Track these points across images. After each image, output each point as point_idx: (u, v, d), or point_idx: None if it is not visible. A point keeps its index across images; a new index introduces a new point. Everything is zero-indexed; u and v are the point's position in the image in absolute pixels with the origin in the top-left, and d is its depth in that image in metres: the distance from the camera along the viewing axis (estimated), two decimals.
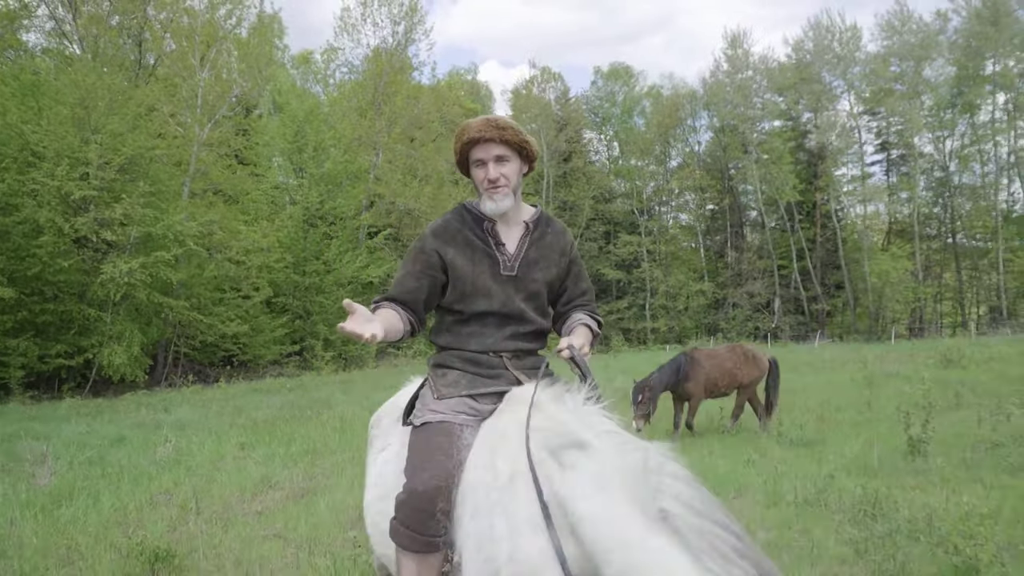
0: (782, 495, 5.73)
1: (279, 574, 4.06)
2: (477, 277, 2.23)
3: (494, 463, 1.87)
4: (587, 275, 2.52)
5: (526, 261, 2.28)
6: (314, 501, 5.60)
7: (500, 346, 2.25)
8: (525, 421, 1.85)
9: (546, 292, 2.35)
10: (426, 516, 1.89)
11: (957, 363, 18.20)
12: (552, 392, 1.98)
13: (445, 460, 1.96)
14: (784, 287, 47.02)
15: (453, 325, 2.31)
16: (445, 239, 2.25)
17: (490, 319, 2.26)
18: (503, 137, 2.15)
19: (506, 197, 2.20)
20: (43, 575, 4.04)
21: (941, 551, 3.98)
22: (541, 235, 2.34)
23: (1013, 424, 8.00)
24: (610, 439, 1.72)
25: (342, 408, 11.35)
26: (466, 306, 2.25)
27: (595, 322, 2.38)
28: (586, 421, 1.81)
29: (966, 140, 43.51)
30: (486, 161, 2.18)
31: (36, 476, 6.21)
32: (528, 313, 2.29)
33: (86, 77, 19.88)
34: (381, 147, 31.87)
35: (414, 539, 1.91)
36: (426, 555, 1.91)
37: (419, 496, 1.91)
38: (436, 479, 1.92)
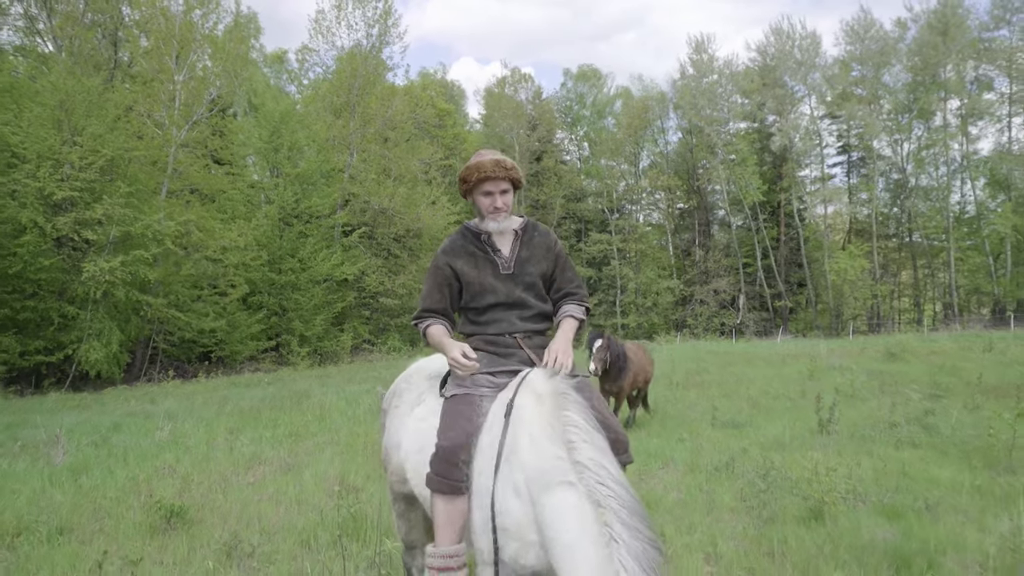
0: (700, 465, 6.74)
1: (275, 524, 4.96)
2: (483, 279, 2.89)
3: (504, 431, 2.43)
4: (573, 266, 3.12)
5: (520, 260, 2.93)
6: (300, 472, 6.48)
7: (513, 329, 2.89)
8: (513, 398, 2.50)
9: (541, 282, 2.97)
10: (451, 466, 2.50)
11: (899, 357, 19.60)
12: (547, 379, 2.52)
13: (467, 424, 2.59)
14: (749, 284, 48.59)
15: (473, 317, 2.96)
16: (453, 255, 2.94)
17: (499, 309, 2.89)
18: (508, 176, 2.88)
19: (506, 219, 2.92)
20: (79, 526, 4.88)
21: (800, 498, 5.02)
22: (529, 238, 2.99)
23: (911, 407, 9.14)
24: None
25: (320, 398, 12.19)
26: (478, 302, 2.91)
27: (582, 309, 3.01)
28: (565, 401, 2.36)
29: (922, 143, 45.34)
30: (494, 192, 2.87)
31: (51, 456, 7.00)
32: (529, 300, 2.92)
33: (65, 80, 20.34)
34: (355, 147, 32.53)
35: (443, 483, 2.52)
36: (453, 497, 2.51)
37: (446, 450, 2.54)
38: (459, 438, 2.54)
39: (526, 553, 2.20)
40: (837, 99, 45.84)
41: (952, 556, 4.08)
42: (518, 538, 2.22)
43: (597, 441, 2.22)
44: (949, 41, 40.20)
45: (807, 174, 48.96)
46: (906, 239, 48.37)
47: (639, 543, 1.96)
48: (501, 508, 2.30)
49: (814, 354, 21.92)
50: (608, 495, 2.05)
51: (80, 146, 19.98)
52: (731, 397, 12.42)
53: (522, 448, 2.27)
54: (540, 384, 2.45)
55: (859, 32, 44.86)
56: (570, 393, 2.39)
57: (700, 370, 17.95)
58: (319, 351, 28.52)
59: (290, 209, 28.78)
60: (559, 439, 2.19)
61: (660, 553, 1.99)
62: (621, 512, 2.01)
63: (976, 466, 6.29)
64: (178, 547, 4.45)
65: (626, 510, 2.03)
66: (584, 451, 2.15)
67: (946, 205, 43.69)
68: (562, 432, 2.20)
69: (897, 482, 5.79)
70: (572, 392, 2.41)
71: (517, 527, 2.22)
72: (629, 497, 2.08)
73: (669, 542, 4.50)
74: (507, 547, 2.26)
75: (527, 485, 2.20)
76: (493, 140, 49.94)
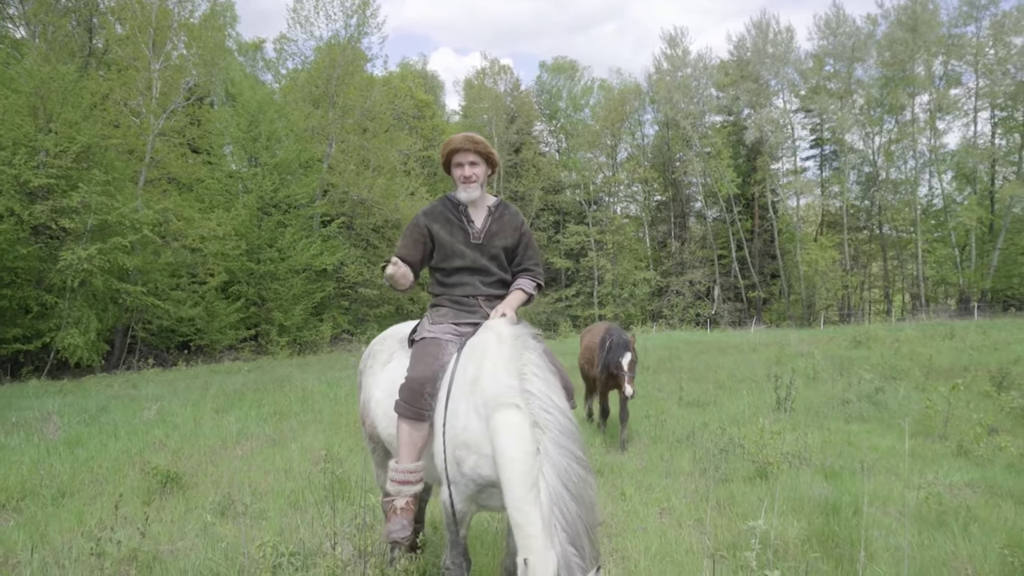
0: (663, 437, 7.21)
1: (265, 488, 5.32)
2: (454, 244, 3.28)
3: (466, 368, 2.85)
4: (536, 246, 3.53)
5: (489, 233, 3.33)
6: (286, 446, 6.83)
7: (477, 291, 3.30)
8: (479, 338, 2.90)
9: (504, 255, 3.38)
10: (417, 395, 2.93)
11: (864, 344, 20.39)
12: (510, 325, 2.90)
13: (432, 361, 3.01)
14: (724, 276, 49.43)
15: (442, 279, 3.36)
16: (432, 218, 3.32)
17: (465, 272, 3.30)
18: (476, 148, 3.25)
19: (475, 189, 3.27)
20: (81, 490, 5.20)
21: (749, 462, 5.49)
22: (500, 215, 3.39)
23: (863, 387, 9.70)
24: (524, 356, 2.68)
25: (302, 383, 12.49)
26: (448, 264, 3.31)
27: (533, 284, 3.42)
28: (526, 345, 2.76)
29: (892, 137, 46.35)
30: (463, 164, 3.25)
31: (45, 432, 7.27)
32: (491, 268, 3.34)
33: (39, 67, 20.25)
34: (334, 137, 32.59)
35: (408, 409, 2.93)
36: (417, 423, 2.93)
37: (413, 381, 2.96)
38: (425, 372, 2.97)
39: (483, 465, 2.59)
40: (810, 93, 46.69)
41: (877, 506, 4.57)
42: (477, 452, 2.61)
43: (548, 377, 2.62)
44: (918, 37, 41.14)
45: (780, 167, 49.86)
46: (876, 231, 49.51)
47: (565, 460, 2.34)
48: (464, 426, 2.67)
49: (784, 342, 22.63)
50: (548, 419, 2.44)
51: (55, 133, 19.93)
52: (699, 381, 12.94)
53: (484, 377, 2.66)
54: (503, 328, 2.84)
55: (831, 27, 45.70)
56: (529, 339, 2.79)
57: (672, 357, 18.50)
58: (298, 341, 28.66)
59: (268, 198, 28.83)
60: (515, 371, 2.57)
61: (585, 470, 2.38)
62: (555, 433, 2.40)
63: (915, 434, 6.82)
64: (176, 507, 4.80)
65: (561, 433, 2.41)
66: (534, 383, 2.54)
67: (914, 198, 44.77)
68: (518, 367, 2.59)
69: (840, 449, 6.29)
70: (530, 338, 2.81)
71: (476, 442, 2.60)
72: (567, 423, 2.47)
73: (628, 500, 4.95)
74: (468, 460, 2.65)
75: (484, 407, 2.59)
76: (472, 131, 49.96)
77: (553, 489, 2.27)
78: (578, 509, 2.26)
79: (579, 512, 2.25)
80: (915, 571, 3.45)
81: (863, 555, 3.32)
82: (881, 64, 44.84)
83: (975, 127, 44.43)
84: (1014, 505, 4.48)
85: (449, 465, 2.74)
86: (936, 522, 4.21)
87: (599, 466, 5.94)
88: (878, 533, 4.02)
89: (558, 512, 2.23)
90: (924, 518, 4.31)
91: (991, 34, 41.69)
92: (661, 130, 53.18)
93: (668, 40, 48.13)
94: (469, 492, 2.71)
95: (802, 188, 47.93)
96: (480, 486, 2.64)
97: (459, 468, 2.69)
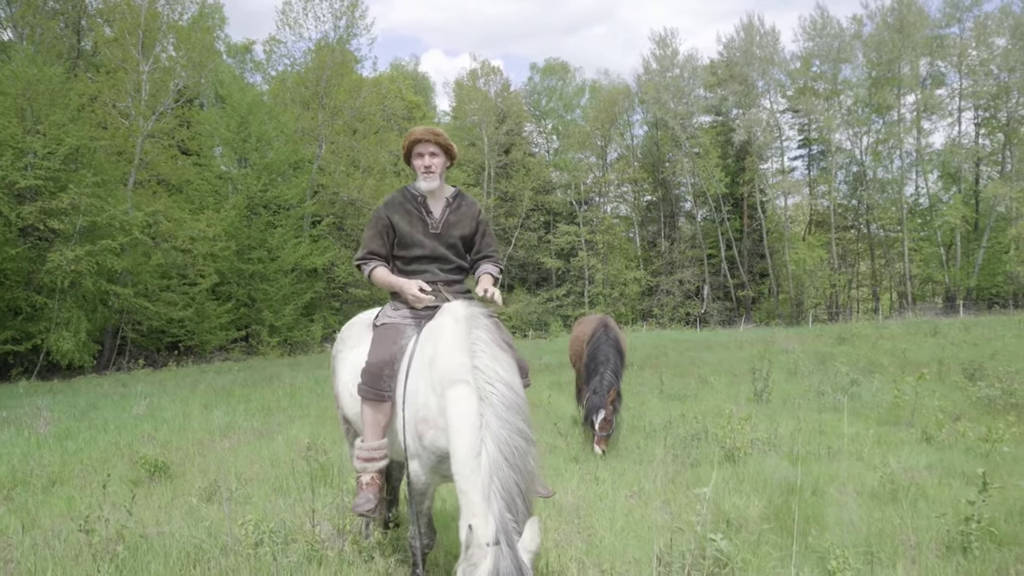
0: (641, 428, 7.41)
1: (251, 476, 5.48)
2: (413, 234, 3.44)
3: (424, 348, 3.02)
4: (493, 233, 3.80)
5: (447, 223, 3.49)
6: (272, 438, 6.99)
7: (436, 278, 3.44)
8: (437, 321, 3.08)
9: (462, 244, 3.55)
10: (377, 378, 3.12)
11: (848, 341, 20.70)
12: (465, 307, 3.07)
13: (391, 345, 3.21)
14: (713, 275, 49.78)
15: (402, 267, 3.52)
16: (391, 208, 3.48)
17: (424, 261, 3.48)
18: (436, 140, 3.41)
19: (435, 179, 3.42)
20: (70, 480, 5.35)
21: (719, 447, 5.70)
22: (458, 206, 3.56)
23: (839, 379, 9.94)
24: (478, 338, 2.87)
25: (291, 380, 12.64)
26: (407, 252, 3.48)
27: (497, 268, 3.59)
28: (476, 323, 2.91)
29: (880, 137, 46.80)
30: (424, 154, 3.41)
31: (35, 426, 7.40)
32: (449, 256, 3.52)
33: (27, 69, 20.29)
34: (324, 138, 32.70)
35: (370, 391, 3.12)
36: (378, 403, 3.13)
37: (373, 365, 3.15)
38: (384, 355, 3.17)
39: (440, 437, 2.77)
40: (797, 93, 47.11)
41: (837, 486, 4.77)
42: (434, 426, 2.80)
43: (497, 354, 2.79)
44: (905, 37, 41.58)
45: (769, 167, 50.28)
46: (864, 230, 49.98)
47: (505, 431, 2.52)
48: (423, 403, 2.86)
49: (771, 340, 22.90)
50: (491, 392, 2.62)
51: (43, 135, 19.98)
52: (683, 376, 13.15)
53: (439, 356, 2.84)
54: (459, 310, 3.03)
55: (816, 28, 46.14)
56: (481, 318, 2.98)
57: (659, 355, 18.73)
58: (289, 341, 28.75)
59: (257, 199, 28.91)
60: (466, 349, 2.76)
61: (526, 441, 2.56)
62: (498, 407, 2.58)
63: (883, 423, 7.04)
64: (163, 493, 4.95)
65: (504, 406, 2.59)
66: (482, 359, 2.72)
67: (900, 197, 45.24)
68: (469, 345, 2.77)
69: (810, 437, 6.50)
70: (483, 317, 3.00)
71: (433, 417, 2.80)
72: (511, 395, 2.65)
73: (601, 483, 5.14)
74: (427, 434, 2.84)
75: (439, 383, 2.77)
76: (463, 132, 50.24)
77: (492, 458, 2.45)
78: (515, 476, 2.43)
79: (516, 479, 2.43)
80: (860, 539, 3.66)
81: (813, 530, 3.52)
82: (868, 64, 45.29)
83: (959, 127, 45.01)
84: (964, 483, 4.70)
85: (410, 440, 2.93)
86: (888, 499, 4.42)
87: (575, 453, 6.13)
88: (834, 510, 4.23)
89: (497, 480, 2.41)
90: (878, 495, 4.52)
91: (974, 35, 42.20)
92: (650, 131, 53.51)
93: (658, 41, 48.47)
94: (431, 464, 2.89)
95: (790, 188, 48.35)
96: (439, 457, 2.82)
97: (420, 442, 2.88)
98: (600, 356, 6.65)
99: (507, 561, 2.19)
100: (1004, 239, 41.97)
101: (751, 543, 3.64)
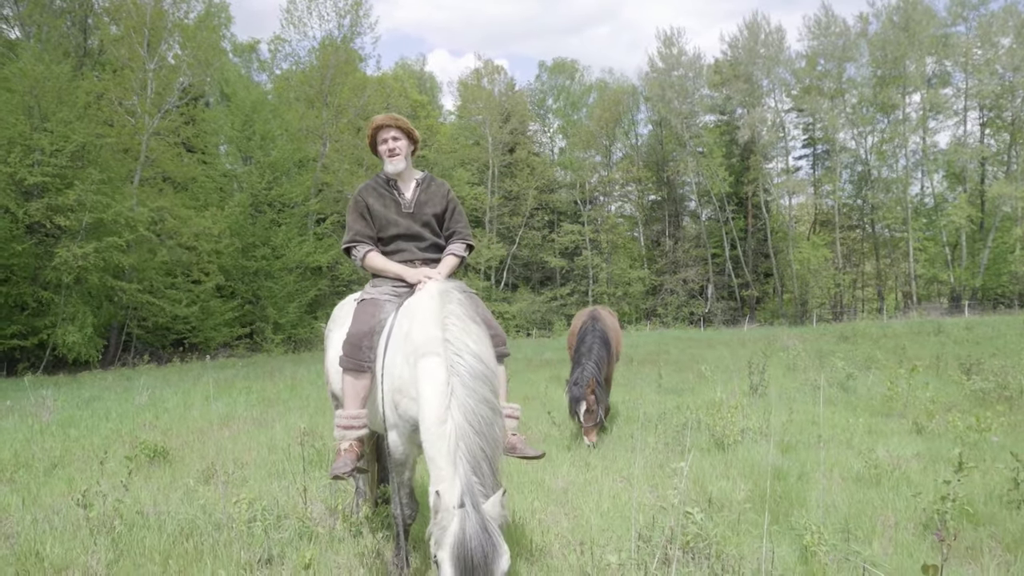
0: (636, 418, 7.48)
1: (249, 459, 5.57)
2: (388, 214, 3.64)
3: (402, 323, 3.16)
4: (464, 212, 3.94)
5: (419, 203, 3.69)
6: (271, 426, 7.09)
7: (414, 256, 3.63)
8: (414, 298, 3.24)
9: (435, 222, 3.73)
10: (356, 349, 3.27)
11: (850, 339, 20.75)
12: (440, 284, 3.22)
13: (370, 318, 3.36)
14: (717, 274, 49.75)
15: (381, 248, 3.68)
16: (366, 192, 3.70)
17: (401, 240, 3.66)
18: (397, 124, 3.65)
19: (400, 161, 3.64)
20: (71, 464, 5.46)
21: (709, 435, 5.77)
22: (428, 186, 3.76)
23: (835, 374, 9.99)
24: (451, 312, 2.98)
25: (292, 373, 12.75)
26: (384, 232, 3.67)
27: (463, 246, 3.74)
28: (448, 298, 3.06)
29: (885, 136, 46.65)
30: (387, 139, 3.64)
31: (39, 415, 7.52)
32: (425, 234, 3.69)
33: (34, 67, 20.48)
34: (328, 137, 32.85)
35: (350, 362, 3.27)
36: (358, 374, 3.27)
37: (353, 336, 3.31)
38: (363, 327, 3.32)
39: (412, 407, 2.88)
40: (802, 93, 47.01)
41: (824, 472, 4.84)
42: (407, 395, 2.92)
43: (468, 327, 2.88)
44: (911, 36, 41.47)
45: (773, 166, 50.20)
46: (868, 230, 49.86)
47: (471, 400, 2.61)
48: (399, 374, 2.98)
49: (773, 339, 22.92)
50: (459, 363, 2.71)
51: (50, 132, 20.16)
52: (682, 371, 13.23)
53: (414, 330, 2.96)
54: (433, 287, 3.16)
55: (821, 27, 46.03)
56: (454, 293, 3.07)
57: (660, 352, 18.79)
58: (293, 338, 28.89)
59: (261, 196, 29.07)
60: (439, 323, 2.85)
61: (492, 411, 2.65)
62: (465, 376, 2.67)
63: (876, 414, 7.10)
64: (162, 476, 5.06)
65: (471, 376, 2.68)
66: (453, 332, 2.81)
67: (905, 197, 45.09)
68: (442, 319, 2.86)
69: (802, 427, 6.57)
70: (456, 292, 3.10)
71: (407, 387, 2.91)
72: (479, 366, 2.73)
73: (592, 469, 5.22)
74: (401, 403, 2.96)
75: (413, 355, 2.88)
76: (467, 131, 50.34)
77: (458, 425, 2.54)
78: (480, 442, 2.53)
79: (481, 445, 2.53)
80: (840, 518, 3.72)
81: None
82: (873, 63, 45.15)
83: (965, 127, 44.86)
84: (947, 469, 4.75)
85: (388, 410, 3.04)
86: (872, 483, 4.48)
87: (568, 442, 6.21)
88: (817, 493, 4.29)
89: (463, 445, 2.50)
90: (862, 479, 4.59)
91: (979, 34, 42.05)
92: (655, 130, 53.50)
93: (663, 40, 48.43)
94: (407, 433, 3.01)
95: (795, 187, 48.24)
96: (413, 427, 2.91)
97: (396, 410, 3.00)
98: (584, 348, 6.69)
99: (472, 522, 2.27)
100: (1009, 239, 41.81)
101: (731, 521, 3.72)
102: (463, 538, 2.23)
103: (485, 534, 2.25)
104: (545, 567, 3.26)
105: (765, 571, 2.87)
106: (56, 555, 3.39)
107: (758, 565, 2.98)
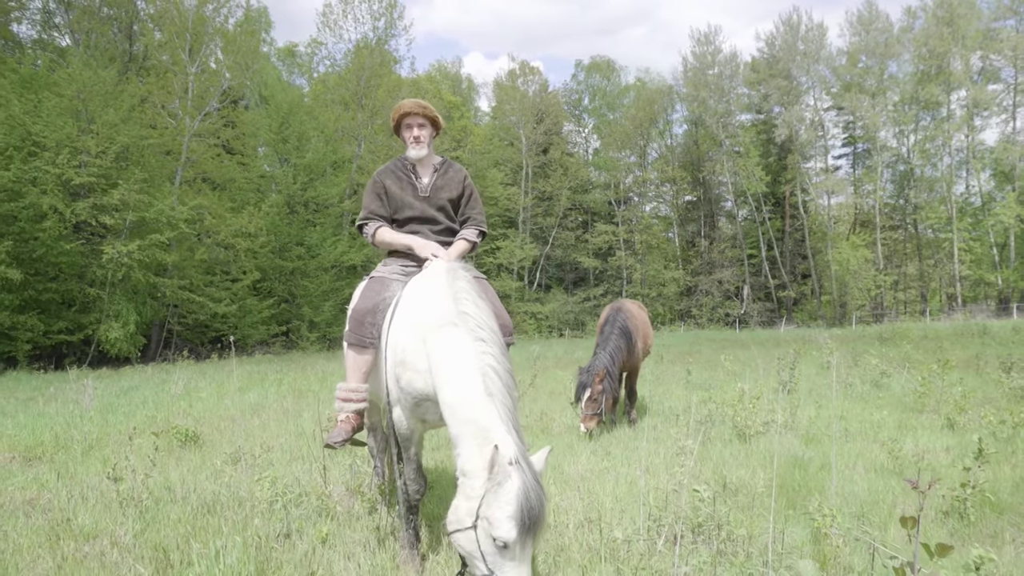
0: (661, 412, 7.45)
1: (276, 445, 5.72)
2: (404, 197, 3.71)
3: (408, 300, 3.15)
4: (479, 199, 3.98)
5: (435, 187, 3.75)
6: (300, 415, 7.24)
7: (427, 239, 3.62)
8: (420, 275, 3.31)
9: (450, 207, 3.79)
10: (360, 325, 3.36)
11: (889, 341, 20.28)
12: (446, 263, 3.26)
13: (375, 296, 3.43)
14: (753, 275, 49.01)
15: (396, 229, 3.74)
16: (384, 174, 3.77)
17: (415, 222, 3.73)
18: (424, 112, 3.70)
19: (423, 148, 3.71)
20: (107, 446, 5.67)
21: (731, 426, 5.72)
22: (445, 172, 3.82)
23: (869, 372, 9.79)
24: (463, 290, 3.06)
25: (324, 368, 12.97)
26: (399, 215, 3.74)
27: (475, 232, 3.80)
28: (456, 275, 3.12)
29: (927, 134, 45.43)
30: (413, 126, 3.70)
31: (80, 401, 7.81)
32: (439, 218, 3.75)
33: (81, 72, 21.24)
34: (363, 138, 33.31)
35: (353, 337, 3.37)
36: (361, 349, 3.36)
37: (357, 312, 3.41)
38: (368, 304, 3.40)
39: (416, 379, 2.93)
40: (842, 90, 46.05)
41: (848, 463, 4.77)
42: (412, 368, 2.95)
43: (479, 303, 2.92)
44: (956, 31, 40.33)
45: (812, 165, 49.28)
46: (911, 230, 48.59)
47: (502, 368, 2.66)
48: (403, 348, 3.00)
49: (809, 339, 22.52)
50: (486, 335, 2.75)
51: (96, 134, 20.87)
52: (712, 369, 13.11)
53: (424, 306, 3.00)
54: (440, 265, 3.22)
55: (864, 23, 45.04)
56: (461, 271, 3.13)
57: (693, 351, 18.62)
58: (328, 336, 29.35)
59: (297, 197, 29.61)
60: (450, 298, 2.89)
61: (514, 382, 2.71)
62: (493, 347, 2.72)
63: (909, 410, 6.95)
64: (192, 459, 5.22)
65: (498, 347, 2.75)
66: (467, 305, 2.85)
67: (949, 196, 43.84)
68: (453, 294, 2.90)
69: (829, 422, 6.47)
70: (463, 271, 3.15)
71: (412, 360, 2.94)
72: (500, 340, 2.81)
73: (612, 458, 5.23)
74: (404, 376, 2.99)
75: (422, 330, 2.92)
76: (501, 132, 50.50)
77: (499, 389, 2.60)
78: (515, 409, 2.61)
79: (514, 411, 2.60)
80: (857, 505, 3.67)
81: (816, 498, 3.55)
82: (917, 59, 44.00)
83: (1014, 123, 43.40)
84: (973, 460, 4.64)
85: (391, 384, 3.09)
86: (894, 474, 4.41)
87: (589, 432, 6.21)
88: (838, 481, 4.24)
89: (504, 408, 2.55)
90: (884, 470, 4.51)
91: None
92: (690, 129, 52.96)
93: (699, 39, 47.93)
94: (409, 406, 3.04)
95: (834, 187, 47.24)
96: (416, 400, 2.98)
97: (398, 384, 3.04)
98: (602, 339, 6.73)
99: (530, 476, 2.33)
100: None
101: (744, 505, 3.70)
102: (526, 492, 2.28)
103: (539, 487, 2.32)
104: (555, 545, 3.29)
105: (773, 549, 2.86)
106: (87, 524, 3.54)
107: (766, 544, 2.97)
